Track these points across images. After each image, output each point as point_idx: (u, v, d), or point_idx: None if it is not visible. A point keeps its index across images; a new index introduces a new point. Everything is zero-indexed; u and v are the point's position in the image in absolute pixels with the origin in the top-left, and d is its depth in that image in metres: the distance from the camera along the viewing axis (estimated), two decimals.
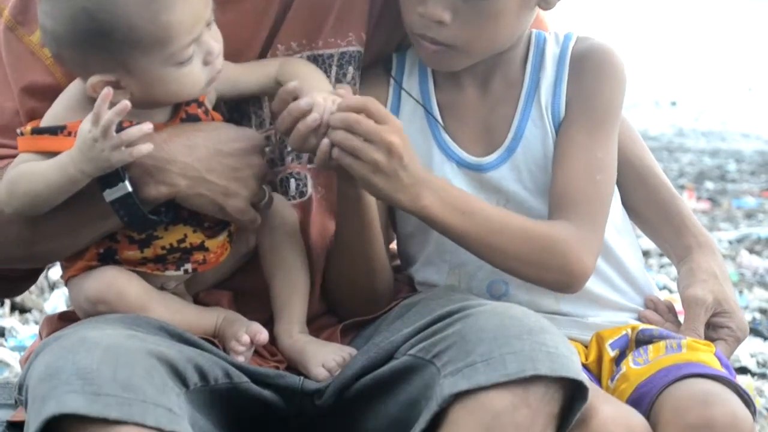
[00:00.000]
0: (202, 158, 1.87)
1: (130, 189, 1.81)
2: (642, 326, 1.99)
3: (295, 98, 1.83)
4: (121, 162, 1.77)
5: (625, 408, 1.83)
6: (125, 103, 1.75)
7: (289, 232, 1.98)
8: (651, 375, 1.88)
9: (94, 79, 1.80)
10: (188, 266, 1.92)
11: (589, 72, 2.00)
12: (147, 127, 1.77)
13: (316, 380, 1.90)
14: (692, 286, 2.06)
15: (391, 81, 2.03)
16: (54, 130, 1.84)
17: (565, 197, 1.95)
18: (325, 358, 1.91)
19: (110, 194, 1.81)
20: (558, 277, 1.94)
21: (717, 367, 1.90)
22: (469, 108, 2.02)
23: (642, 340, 1.96)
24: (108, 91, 1.76)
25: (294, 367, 1.95)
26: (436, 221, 1.87)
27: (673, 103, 15.08)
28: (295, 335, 1.95)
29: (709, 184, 9.45)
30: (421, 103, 2.01)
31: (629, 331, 1.99)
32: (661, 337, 1.95)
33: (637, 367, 1.91)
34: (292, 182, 2.04)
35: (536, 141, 1.99)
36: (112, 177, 1.80)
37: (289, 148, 2.02)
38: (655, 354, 1.91)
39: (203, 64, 1.84)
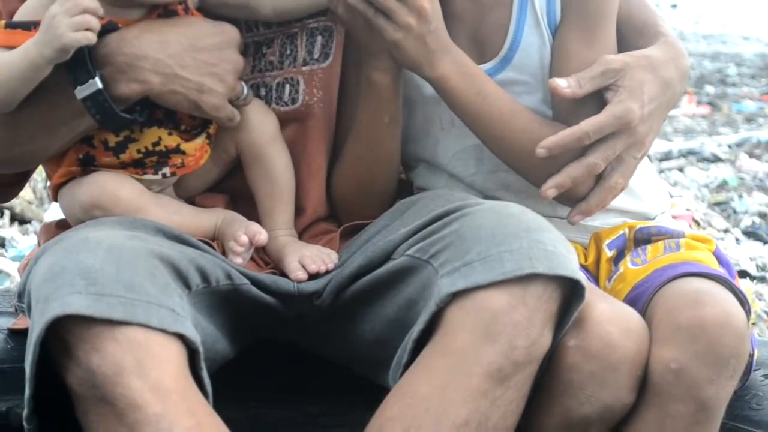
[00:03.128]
0: (176, 54, 1.87)
1: (100, 86, 1.82)
2: (639, 224, 2.01)
3: None
4: (75, 43, 1.76)
5: (622, 306, 1.86)
6: (94, 4, 1.76)
7: (269, 138, 2.00)
8: (647, 275, 1.91)
9: None
10: (166, 170, 1.94)
11: None
12: (93, 21, 1.76)
13: (296, 281, 1.92)
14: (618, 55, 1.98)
15: None
16: (27, 25, 1.85)
17: (566, 113, 1.95)
18: (304, 260, 1.94)
19: (81, 91, 1.82)
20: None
21: (713, 266, 1.93)
22: (458, 16, 2.01)
23: (640, 239, 1.99)
24: (89, 2, 1.76)
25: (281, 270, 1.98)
26: (450, 93, 1.92)
27: (674, 6, 14.97)
28: (279, 238, 1.98)
29: (709, 88, 9.46)
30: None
31: (627, 230, 2.02)
32: (659, 235, 1.97)
33: (635, 267, 1.94)
34: (287, 87, 2.05)
35: (533, 50, 2.00)
36: (83, 74, 1.81)
37: (289, 52, 2.03)
38: (654, 254, 1.94)
39: None
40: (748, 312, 1.85)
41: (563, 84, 1.90)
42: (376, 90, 1.95)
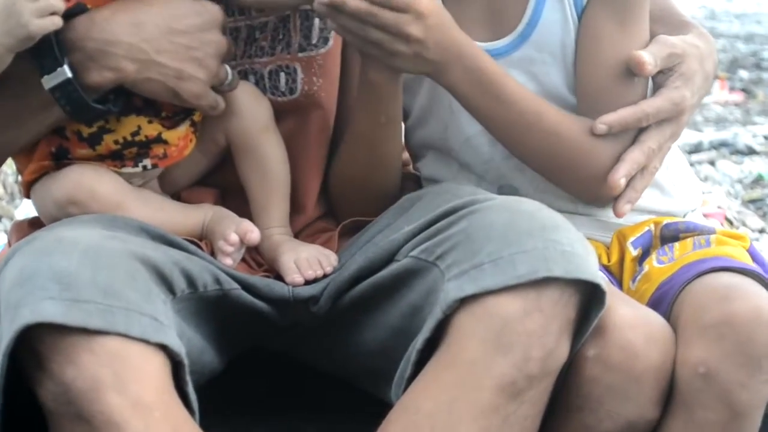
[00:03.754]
0: (151, 38, 1.87)
1: (69, 75, 1.81)
2: (666, 220, 2.00)
3: None
4: (40, 30, 1.75)
5: (646, 311, 1.84)
6: None
7: (261, 127, 1.99)
8: (673, 273, 1.89)
9: None
10: (147, 162, 1.94)
11: None
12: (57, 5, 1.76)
13: (292, 285, 1.92)
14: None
15: None
16: None
17: (596, 101, 1.96)
18: (300, 261, 1.93)
19: (49, 81, 1.81)
20: (587, 188, 1.99)
21: (746, 261, 1.90)
22: None
23: (667, 237, 1.98)
24: None
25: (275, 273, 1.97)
26: (463, 99, 1.92)
27: None
28: (273, 237, 1.98)
29: (743, 73, 9.43)
30: None
31: (652, 226, 2.01)
32: (688, 231, 1.96)
33: (661, 265, 1.93)
34: (282, 76, 2.04)
35: (555, 27, 1.98)
36: (51, 62, 1.80)
37: (281, 36, 2.02)
38: (682, 251, 1.93)
39: None
40: None
41: (650, 60, 1.92)
42: (373, 88, 1.93)
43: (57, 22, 1.76)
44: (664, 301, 1.87)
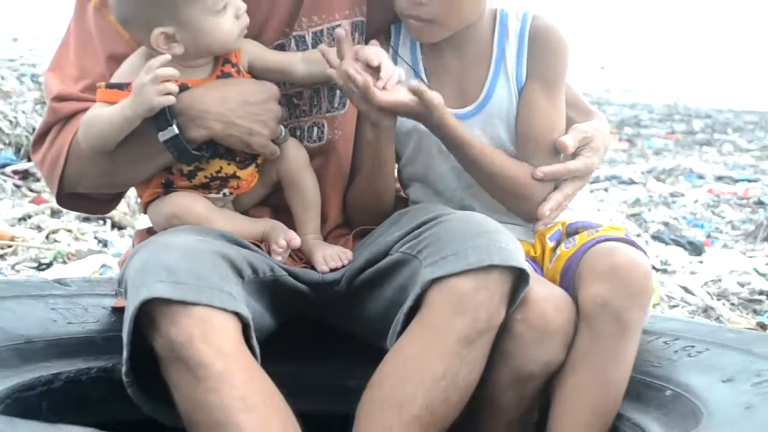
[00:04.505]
0: (232, 107, 1.84)
1: (177, 131, 1.80)
2: (569, 221, 1.99)
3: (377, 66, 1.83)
4: (159, 105, 1.75)
5: (554, 288, 1.83)
6: (166, 57, 1.76)
7: (300, 167, 1.97)
8: (576, 250, 1.89)
9: (156, 32, 1.78)
10: (226, 190, 1.93)
11: (545, 48, 1.96)
12: (173, 87, 1.76)
13: (321, 273, 1.90)
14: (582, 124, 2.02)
15: (390, 49, 1.99)
16: (121, 86, 1.83)
17: (532, 147, 1.95)
18: (327, 257, 1.92)
19: (163, 135, 1.80)
20: (523, 212, 1.97)
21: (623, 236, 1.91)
22: (447, 71, 1.98)
23: (570, 232, 1.96)
24: (164, 57, 1.76)
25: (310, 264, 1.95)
26: (442, 141, 1.91)
27: (602, 68, 14.94)
28: (309, 240, 1.96)
29: (628, 129, 9.44)
30: (412, 67, 1.99)
31: (560, 226, 1.99)
32: (584, 227, 1.95)
33: (567, 249, 1.92)
34: (315, 129, 2.02)
35: (504, 100, 1.97)
36: (164, 123, 1.79)
37: (315, 102, 2.00)
38: (581, 241, 1.91)
39: (234, 18, 1.82)
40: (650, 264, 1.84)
41: (570, 143, 1.92)
42: (371, 143, 1.92)
43: (171, 99, 1.76)
44: (571, 266, 1.87)
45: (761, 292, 3.75)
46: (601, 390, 1.79)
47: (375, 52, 1.83)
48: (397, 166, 2.05)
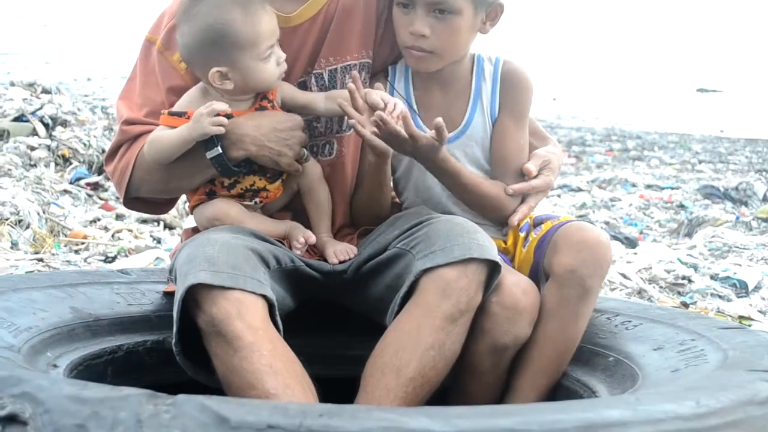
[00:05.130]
0: (265, 133, 1.82)
1: (221, 152, 1.79)
2: (536, 215, 1.98)
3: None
4: (212, 132, 1.76)
5: (522, 276, 1.80)
6: (225, 106, 1.77)
7: (316, 179, 1.95)
8: (544, 234, 1.88)
9: (213, 71, 1.78)
10: (257, 199, 1.91)
11: (515, 87, 1.94)
12: (224, 120, 1.77)
13: (332, 264, 1.88)
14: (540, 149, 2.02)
15: (388, 84, 1.98)
16: (180, 114, 1.83)
17: (504, 167, 1.94)
18: (336, 252, 1.91)
19: (210, 154, 1.80)
20: (497, 220, 1.95)
21: None
22: (435, 104, 1.97)
23: (537, 223, 1.94)
24: (223, 105, 1.76)
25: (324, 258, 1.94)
26: (425, 165, 1.89)
27: (554, 99, 15.00)
28: (322, 238, 1.95)
29: (575, 148, 9.46)
30: (405, 99, 1.98)
31: (529, 220, 1.97)
32: (548, 219, 1.93)
33: (537, 235, 1.91)
34: (327, 146, 2.01)
35: (479, 128, 1.95)
36: (211, 144, 1.79)
37: (329, 125, 1.99)
38: (546, 227, 1.90)
39: (276, 64, 1.83)
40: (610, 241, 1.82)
41: (533, 169, 1.91)
42: (370, 165, 1.92)
43: (222, 129, 1.77)
44: (543, 243, 1.84)
45: (683, 278, 3.77)
46: (562, 340, 1.77)
47: (379, 96, 1.82)
48: (392, 177, 2.05)
